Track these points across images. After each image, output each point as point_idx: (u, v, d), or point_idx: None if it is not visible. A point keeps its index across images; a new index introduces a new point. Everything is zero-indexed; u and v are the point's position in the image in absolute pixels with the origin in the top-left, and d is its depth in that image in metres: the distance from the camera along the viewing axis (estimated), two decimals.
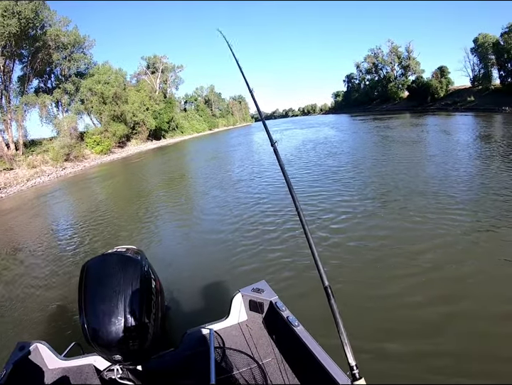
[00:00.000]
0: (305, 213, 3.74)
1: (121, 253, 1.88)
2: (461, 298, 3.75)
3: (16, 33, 25.34)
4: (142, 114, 43.41)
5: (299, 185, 10.04)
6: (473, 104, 44.05)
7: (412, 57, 63.09)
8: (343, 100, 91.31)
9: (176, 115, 58.01)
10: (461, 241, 5.24)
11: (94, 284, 1.68)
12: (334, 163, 13.48)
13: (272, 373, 1.97)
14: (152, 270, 1.94)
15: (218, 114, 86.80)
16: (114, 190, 16.78)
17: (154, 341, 1.78)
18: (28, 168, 25.74)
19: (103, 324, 1.57)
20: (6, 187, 22.08)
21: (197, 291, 4.77)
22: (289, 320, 2.03)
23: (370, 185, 9.17)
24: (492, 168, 9.55)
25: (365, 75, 76.32)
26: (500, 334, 3.20)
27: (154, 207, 10.63)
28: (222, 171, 15.99)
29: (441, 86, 53.16)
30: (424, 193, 7.75)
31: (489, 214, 6.11)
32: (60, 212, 13.52)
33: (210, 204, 9.86)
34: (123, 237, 8.13)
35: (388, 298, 3.91)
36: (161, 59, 61.29)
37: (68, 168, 28.28)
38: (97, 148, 34.17)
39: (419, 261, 4.72)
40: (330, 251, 5.48)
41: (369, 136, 23.28)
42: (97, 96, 35.40)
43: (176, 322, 3.61)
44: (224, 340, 2.29)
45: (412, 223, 6.12)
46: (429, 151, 13.99)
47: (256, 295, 2.38)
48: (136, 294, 1.66)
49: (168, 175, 18.59)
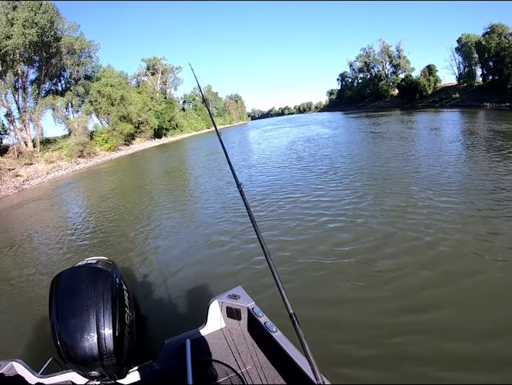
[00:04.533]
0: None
1: (92, 265, 1.85)
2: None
3: (35, 41, 27.77)
4: (145, 114, 46.08)
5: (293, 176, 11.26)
6: (458, 101, 46.07)
7: (402, 56, 65.20)
8: (337, 98, 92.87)
9: (176, 115, 60.41)
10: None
11: (64, 299, 1.62)
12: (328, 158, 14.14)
13: (252, 381, 1.96)
14: (124, 282, 1.91)
15: (215, 113, 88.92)
16: (123, 181, 19.20)
17: (131, 354, 1.75)
18: (46, 163, 28.22)
19: (75, 341, 1.53)
20: (29, 179, 24.48)
21: (175, 298, 4.78)
22: (266, 326, 2.05)
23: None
24: (474, 159, 10.55)
25: (358, 74, 78.34)
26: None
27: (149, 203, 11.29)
28: (216, 168, 16.46)
29: (429, 84, 54.92)
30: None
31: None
32: (74, 201, 15.66)
33: (199, 204, 9.99)
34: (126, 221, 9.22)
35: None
36: (160, 60, 63.49)
37: (82, 163, 30.92)
38: (106, 145, 36.94)
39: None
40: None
41: (365, 134, 23.01)
42: (105, 98, 38.01)
43: (154, 331, 3.49)
44: (203, 349, 2.29)
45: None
46: (421, 146, 14.86)
47: (233, 302, 2.37)
48: (108, 307, 1.61)
49: (168, 168, 20.60)
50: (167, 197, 11.90)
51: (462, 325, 3.37)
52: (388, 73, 68.91)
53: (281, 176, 11.71)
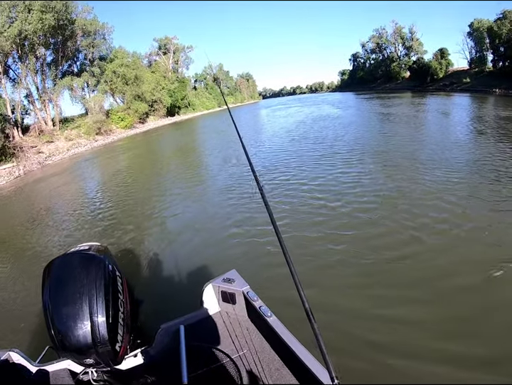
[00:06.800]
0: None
1: (84, 251, 1.82)
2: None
3: (53, 25, 29.26)
4: (159, 92, 47.60)
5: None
6: (469, 86, 45.48)
7: (415, 38, 64.36)
8: (348, 78, 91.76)
9: (188, 93, 61.48)
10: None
11: (56, 287, 1.60)
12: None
13: (247, 366, 1.95)
14: (117, 267, 1.89)
15: (226, 92, 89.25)
16: (135, 158, 20.89)
17: (126, 340, 1.75)
18: (65, 141, 30.09)
19: (69, 329, 1.51)
20: (51, 156, 26.35)
21: (171, 282, 4.83)
22: (261, 311, 2.04)
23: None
24: (481, 143, 11.14)
25: (370, 54, 77.51)
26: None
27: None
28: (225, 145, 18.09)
29: (441, 67, 54.13)
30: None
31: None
32: (90, 176, 17.14)
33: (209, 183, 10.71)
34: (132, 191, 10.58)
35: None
36: (171, 40, 64.00)
37: (100, 141, 32.94)
38: (122, 123, 38.88)
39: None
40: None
41: (378, 116, 23.17)
42: (120, 78, 39.60)
43: (150, 316, 3.43)
44: (198, 333, 2.28)
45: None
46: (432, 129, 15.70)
47: (227, 286, 2.36)
48: (101, 294, 1.59)
49: (180, 146, 22.39)
50: (173, 176, 12.82)
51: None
52: (400, 55, 68.06)
53: (285, 157, 12.51)
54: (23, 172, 21.32)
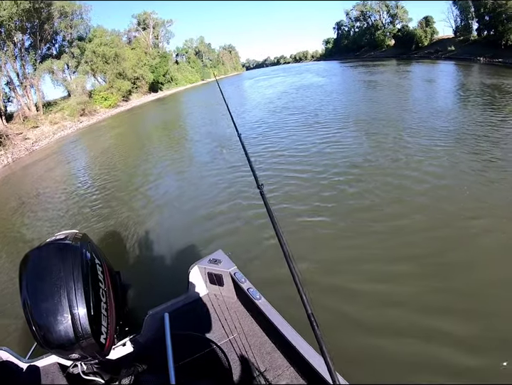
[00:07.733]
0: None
1: (59, 241, 1.68)
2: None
3: (28, 8, 28.23)
4: (140, 69, 46.47)
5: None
6: (454, 54, 45.45)
7: (399, 6, 63.57)
8: (333, 47, 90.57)
9: (170, 68, 59.91)
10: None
11: (33, 281, 1.51)
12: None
13: (238, 350, 1.92)
14: (97, 254, 1.77)
15: (209, 65, 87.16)
16: (120, 136, 20.90)
17: (112, 331, 1.67)
18: (50, 125, 29.55)
19: (50, 325, 1.44)
20: (37, 141, 25.89)
21: (158, 264, 4.77)
22: (250, 292, 2.00)
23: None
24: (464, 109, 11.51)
25: (354, 23, 76.27)
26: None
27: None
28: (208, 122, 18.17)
29: (426, 35, 53.96)
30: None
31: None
32: (77, 157, 17.14)
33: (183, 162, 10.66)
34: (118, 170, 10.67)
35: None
36: (150, 15, 61.71)
37: (84, 122, 32.46)
38: (105, 103, 38.21)
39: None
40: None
41: (362, 84, 23.90)
42: (101, 57, 38.43)
43: (138, 302, 3.37)
44: (185, 318, 2.23)
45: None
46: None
47: (214, 267, 2.31)
48: (80, 286, 1.49)
49: (162, 123, 22.61)
50: (157, 154, 12.78)
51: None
52: (385, 23, 67.24)
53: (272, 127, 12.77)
54: (12, 160, 21.02)
